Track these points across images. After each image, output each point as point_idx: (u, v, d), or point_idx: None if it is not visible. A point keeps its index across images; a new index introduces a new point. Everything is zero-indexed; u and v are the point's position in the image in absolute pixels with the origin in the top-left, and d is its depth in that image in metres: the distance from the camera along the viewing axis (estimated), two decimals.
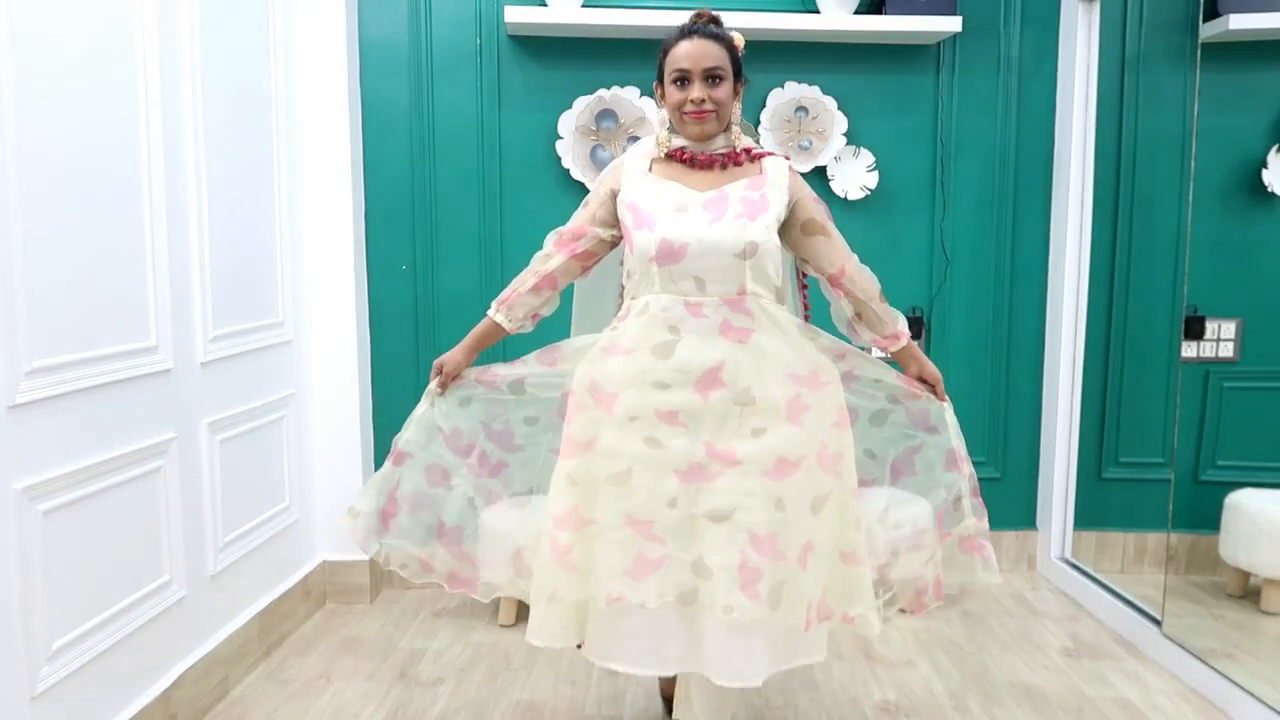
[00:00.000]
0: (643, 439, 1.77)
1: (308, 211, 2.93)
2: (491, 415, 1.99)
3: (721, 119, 1.83)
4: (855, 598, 1.82)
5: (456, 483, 1.97)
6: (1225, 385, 2.98)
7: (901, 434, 1.98)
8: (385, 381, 3.14)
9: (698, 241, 1.75)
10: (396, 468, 1.96)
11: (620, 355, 1.80)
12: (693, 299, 1.77)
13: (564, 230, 1.95)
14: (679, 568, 1.75)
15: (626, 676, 2.50)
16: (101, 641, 1.94)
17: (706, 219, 1.78)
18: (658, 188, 1.83)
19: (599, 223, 1.91)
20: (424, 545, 1.96)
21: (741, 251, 1.75)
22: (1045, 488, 3.28)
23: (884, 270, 3.17)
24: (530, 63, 3.07)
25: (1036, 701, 2.39)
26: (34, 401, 1.73)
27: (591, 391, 1.82)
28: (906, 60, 3.14)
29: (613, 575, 1.76)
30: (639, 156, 1.91)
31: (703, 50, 1.79)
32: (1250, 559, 2.78)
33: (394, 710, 2.36)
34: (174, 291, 2.19)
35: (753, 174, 1.85)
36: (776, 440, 1.76)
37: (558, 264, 1.93)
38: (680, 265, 1.76)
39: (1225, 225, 2.91)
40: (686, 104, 1.80)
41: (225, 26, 2.43)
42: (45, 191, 1.77)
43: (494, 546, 2.01)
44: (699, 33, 1.82)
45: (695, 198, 1.81)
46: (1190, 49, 2.77)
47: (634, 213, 1.82)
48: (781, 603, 1.74)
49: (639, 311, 1.80)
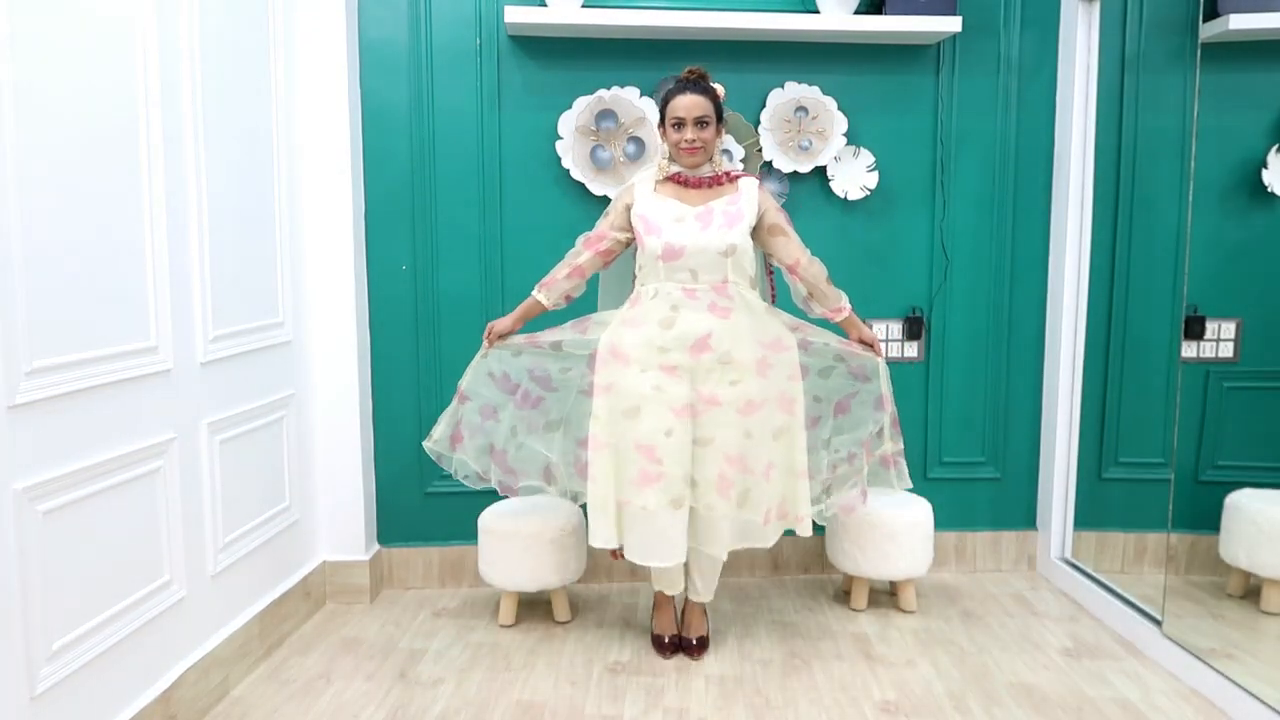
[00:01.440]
0: (650, 385, 2.43)
1: (308, 212, 2.93)
2: (535, 364, 2.64)
3: (708, 152, 2.49)
4: (801, 502, 2.52)
5: (503, 416, 2.65)
6: (1225, 385, 2.97)
7: (843, 383, 2.64)
8: (385, 381, 3.14)
9: (692, 244, 2.43)
10: (460, 405, 2.65)
11: (635, 327, 2.47)
12: (688, 286, 2.46)
13: (590, 234, 2.60)
14: (672, 481, 2.42)
15: (626, 676, 2.54)
16: (101, 641, 1.94)
17: (698, 227, 2.45)
18: (662, 203, 2.50)
19: (616, 229, 2.56)
20: (479, 461, 2.65)
21: (724, 251, 2.44)
22: (1045, 488, 3.28)
23: (884, 270, 3.22)
24: (530, 63, 3.07)
25: (1036, 701, 2.39)
26: (34, 401, 1.73)
27: (612, 351, 2.49)
28: (906, 60, 3.14)
29: (623, 485, 2.46)
30: (645, 179, 2.56)
31: (694, 102, 2.44)
32: (1250, 559, 2.78)
33: (394, 710, 2.36)
34: (174, 291, 2.19)
35: (731, 192, 2.52)
36: (748, 389, 2.45)
37: (586, 259, 2.58)
38: (679, 262, 2.45)
39: (1225, 225, 2.91)
40: (682, 142, 2.46)
41: (225, 26, 2.43)
42: (45, 191, 1.77)
43: (531, 462, 2.66)
44: (692, 88, 2.45)
45: (689, 211, 2.48)
46: (1190, 49, 2.77)
47: (644, 222, 2.49)
48: (746, 503, 2.48)
49: (649, 296, 2.48)
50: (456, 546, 3.21)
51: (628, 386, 2.44)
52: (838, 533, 2.98)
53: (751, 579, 3.28)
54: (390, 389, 3.14)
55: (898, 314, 3.25)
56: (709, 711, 2.35)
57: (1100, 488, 3.20)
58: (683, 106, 2.43)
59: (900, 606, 3.00)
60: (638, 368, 2.43)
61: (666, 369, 2.43)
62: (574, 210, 3.08)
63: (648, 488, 2.41)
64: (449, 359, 3.14)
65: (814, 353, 2.59)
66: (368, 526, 3.11)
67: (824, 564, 3.29)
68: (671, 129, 2.47)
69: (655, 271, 2.46)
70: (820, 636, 2.80)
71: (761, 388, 2.45)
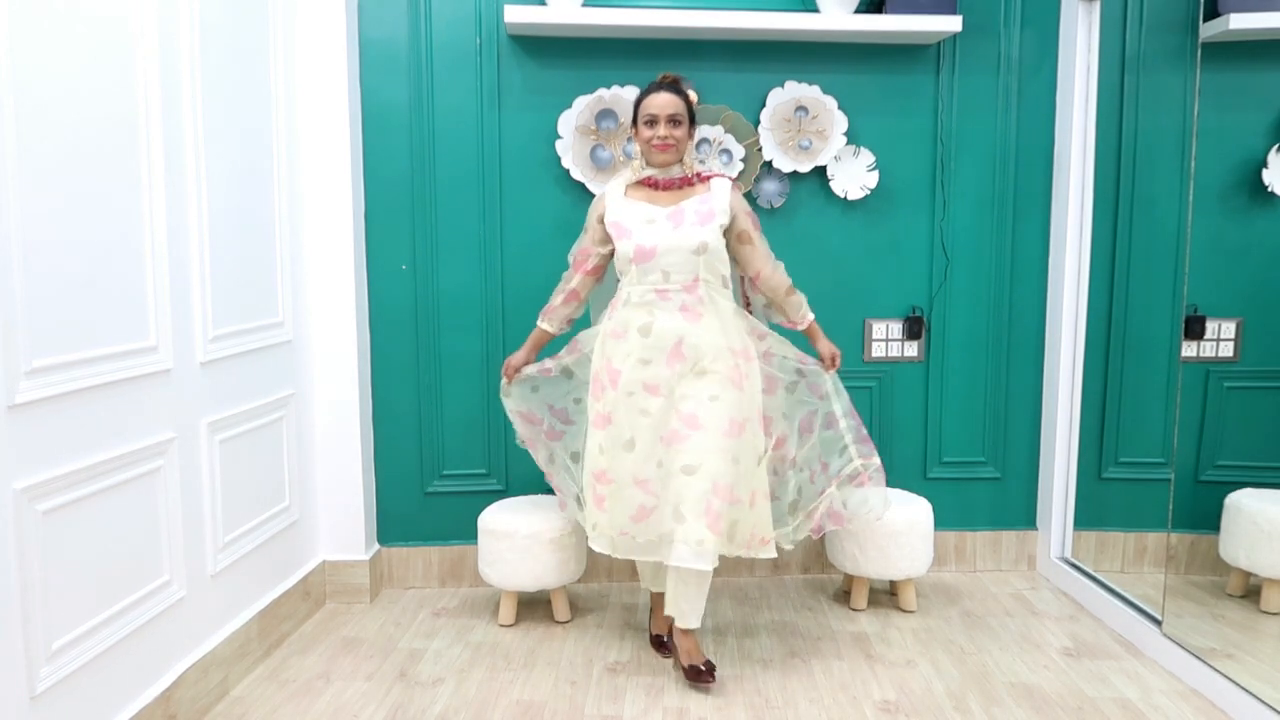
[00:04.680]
0: (637, 410, 2.47)
1: (308, 211, 2.93)
2: (552, 397, 2.74)
3: (679, 151, 2.50)
4: (764, 524, 2.50)
5: (539, 447, 2.76)
6: (1225, 385, 2.97)
7: (803, 400, 2.63)
8: (385, 381, 3.14)
9: (664, 244, 2.45)
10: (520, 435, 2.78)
11: (619, 340, 2.50)
12: (660, 287, 2.47)
13: (574, 254, 2.65)
14: (662, 516, 2.42)
15: (626, 676, 2.54)
16: (101, 641, 1.94)
17: (670, 226, 2.46)
18: (632, 207, 2.52)
19: (596, 243, 2.60)
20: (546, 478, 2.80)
21: (696, 249, 2.45)
22: (1045, 488, 3.28)
23: (884, 270, 3.22)
24: (530, 62, 3.07)
25: (1036, 701, 2.39)
26: (34, 401, 1.73)
27: (607, 372, 2.51)
28: (906, 60, 3.14)
29: (623, 519, 2.49)
30: (616, 186, 2.58)
31: (667, 100, 2.46)
32: (1250, 559, 2.77)
33: (394, 710, 2.36)
34: (174, 291, 2.19)
35: (703, 191, 2.53)
36: (728, 405, 2.42)
37: (577, 281, 2.64)
38: (651, 263, 2.46)
39: (1225, 225, 2.91)
40: (654, 139, 2.47)
41: (225, 26, 2.43)
42: (45, 191, 1.76)
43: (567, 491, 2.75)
44: (666, 89, 2.49)
45: (661, 212, 2.49)
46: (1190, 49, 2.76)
47: (616, 229, 2.52)
48: (735, 537, 2.45)
49: (624, 301, 2.51)
50: (456, 546, 3.21)
51: (624, 419, 2.47)
52: (838, 532, 2.98)
53: (751, 579, 3.28)
54: (390, 389, 3.14)
55: (898, 314, 3.25)
56: (709, 711, 2.35)
57: (1100, 487, 3.20)
58: (656, 104, 2.45)
59: (900, 606, 2.99)
60: (625, 390, 2.47)
61: (649, 387, 2.45)
62: (574, 210, 3.08)
63: (643, 521, 2.46)
64: (449, 359, 3.14)
65: (777, 366, 2.60)
66: (368, 526, 3.11)
67: (824, 564, 3.29)
68: (644, 126, 2.48)
69: (630, 275, 2.49)
70: (820, 636, 2.80)
71: (740, 402, 2.44)
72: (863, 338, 3.24)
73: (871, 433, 3.25)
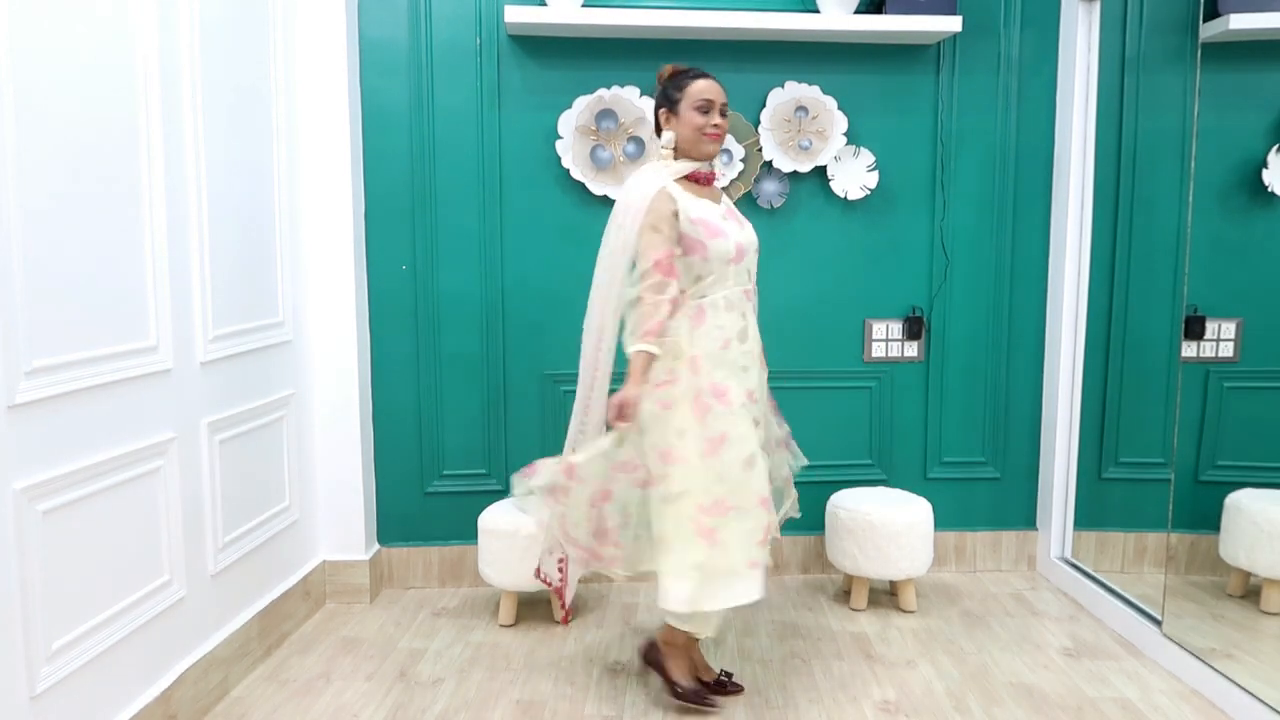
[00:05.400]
0: (750, 422, 2.23)
1: (308, 212, 2.93)
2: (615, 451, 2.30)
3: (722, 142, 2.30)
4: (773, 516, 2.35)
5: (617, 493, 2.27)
6: (1225, 385, 2.97)
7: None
8: (385, 381, 3.14)
9: (748, 242, 2.28)
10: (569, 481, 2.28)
11: (725, 348, 2.21)
12: (746, 287, 2.29)
13: (660, 260, 2.19)
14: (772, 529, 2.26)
15: (625, 676, 2.54)
16: (101, 641, 1.94)
17: (736, 225, 2.28)
18: (699, 203, 2.24)
19: (674, 242, 2.21)
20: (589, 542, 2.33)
21: (758, 249, 2.33)
22: (1045, 488, 3.28)
23: (884, 270, 3.22)
24: (530, 62, 3.07)
25: (1036, 701, 2.39)
26: (34, 401, 1.73)
27: (713, 393, 2.18)
28: (906, 60, 3.14)
29: (751, 546, 2.18)
30: (664, 179, 2.23)
31: (718, 88, 2.25)
32: (1250, 559, 2.78)
33: (394, 710, 2.36)
34: (174, 291, 2.19)
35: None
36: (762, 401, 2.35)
37: (674, 287, 2.21)
38: (744, 262, 2.26)
39: (1225, 225, 2.91)
40: (709, 126, 2.23)
41: (225, 26, 2.43)
42: (45, 191, 1.77)
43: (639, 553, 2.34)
44: (709, 75, 2.27)
45: (718, 210, 2.27)
46: (1190, 49, 2.76)
47: (703, 226, 2.20)
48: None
49: (721, 306, 2.22)
50: (456, 546, 3.20)
51: (741, 432, 2.19)
52: (838, 533, 2.98)
53: None
54: (390, 389, 3.14)
55: (898, 314, 3.25)
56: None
57: (1100, 487, 3.20)
58: (711, 90, 2.24)
59: (900, 606, 2.99)
60: (737, 403, 2.20)
61: (752, 398, 2.26)
62: (574, 210, 3.08)
63: (766, 543, 2.22)
64: (449, 359, 3.14)
65: None
66: (368, 526, 3.11)
67: (824, 564, 3.29)
68: (697, 112, 2.22)
69: (723, 277, 2.22)
70: (820, 636, 2.80)
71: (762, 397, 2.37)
72: (863, 338, 3.24)
73: (871, 433, 3.29)
